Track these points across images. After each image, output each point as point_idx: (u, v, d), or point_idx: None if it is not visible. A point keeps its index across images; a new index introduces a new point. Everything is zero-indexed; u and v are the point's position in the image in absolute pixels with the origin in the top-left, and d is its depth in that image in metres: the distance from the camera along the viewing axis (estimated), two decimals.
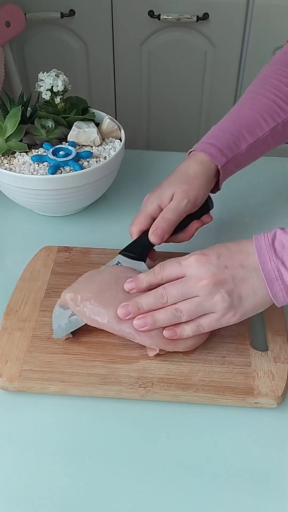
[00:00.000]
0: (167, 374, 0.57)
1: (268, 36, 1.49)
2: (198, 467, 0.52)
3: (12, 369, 0.57)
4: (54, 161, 0.76)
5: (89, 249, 0.73)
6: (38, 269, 0.70)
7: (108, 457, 0.53)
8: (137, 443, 0.54)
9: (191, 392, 0.56)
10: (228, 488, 0.50)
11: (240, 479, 0.51)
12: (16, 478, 0.51)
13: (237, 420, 0.56)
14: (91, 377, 0.57)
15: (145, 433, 0.55)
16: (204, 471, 0.51)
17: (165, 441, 0.54)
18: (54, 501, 0.49)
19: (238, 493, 0.50)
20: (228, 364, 0.58)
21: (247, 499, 0.50)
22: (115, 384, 0.56)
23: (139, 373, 0.57)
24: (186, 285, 0.56)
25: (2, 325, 0.62)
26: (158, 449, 0.53)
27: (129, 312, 0.58)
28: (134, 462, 0.52)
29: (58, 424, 0.55)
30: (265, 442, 0.54)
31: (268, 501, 0.50)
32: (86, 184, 0.76)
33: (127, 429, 0.55)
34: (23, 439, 0.54)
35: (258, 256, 0.55)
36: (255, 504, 0.49)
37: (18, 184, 0.75)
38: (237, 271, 0.55)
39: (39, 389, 0.57)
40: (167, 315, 0.56)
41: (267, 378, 0.57)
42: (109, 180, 0.81)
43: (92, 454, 0.53)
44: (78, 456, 0.53)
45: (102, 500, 0.49)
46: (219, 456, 0.53)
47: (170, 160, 0.97)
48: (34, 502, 0.49)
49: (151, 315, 0.57)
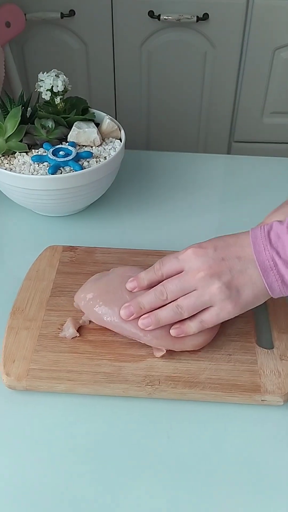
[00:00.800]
0: (174, 372, 0.57)
1: (268, 36, 1.49)
2: (204, 465, 0.52)
3: (19, 368, 0.57)
4: (54, 161, 0.76)
5: (94, 248, 0.73)
6: (43, 268, 0.70)
7: (116, 455, 0.53)
8: (143, 440, 0.54)
9: (198, 390, 0.56)
10: (234, 486, 0.50)
11: (247, 476, 0.51)
12: (24, 476, 0.51)
13: (244, 417, 0.56)
14: (98, 376, 0.57)
15: (151, 430, 0.55)
16: (209, 469, 0.52)
17: (171, 438, 0.54)
18: (59, 498, 0.49)
19: (244, 491, 0.50)
20: (234, 362, 0.58)
21: (254, 497, 0.50)
22: (122, 382, 0.56)
23: (146, 371, 0.57)
24: (184, 279, 0.56)
25: (9, 325, 0.62)
26: (164, 446, 0.53)
27: (131, 312, 0.58)
28: (140, 459, 0.52)
29: (66, 423, 0.55)
30: (272, 440, 0.54)
31: (274, 500, 0.50)
32: (86, 184, 0.76)
33: (134, 426, 0.55)
34: (31, 438, 0.54)
35: (253, 246, 0.55)
36: (263, 503, 0.49)
37: (18, 184, 0.75)
38: (234, 263, 0.55)
39: (46, 388, 0.57)
40: (168, 312, 0.57)
41: (273, 376, 0.57)
42: (109, 180, 0.82)
43: (99, 452, 0.53)
44: (85, 454, 0.53)
45: (107, 498, 0.49)
46: (225, 453, 0.53)
47: (170, 160, 0.98)
48: (39, 499, 0.49)
49: (153, 314, 0.57)
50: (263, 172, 0.75)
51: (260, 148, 1.65)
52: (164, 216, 0.84)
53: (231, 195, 0.73)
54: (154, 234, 0.80)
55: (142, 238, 0.79)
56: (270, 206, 0.88)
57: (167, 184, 0.91)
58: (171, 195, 0.72)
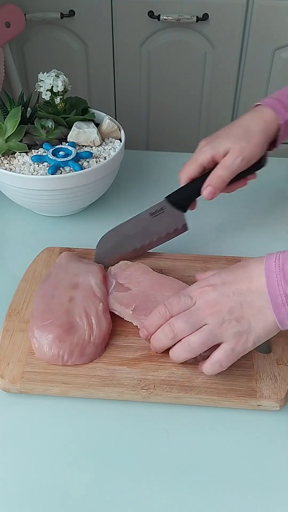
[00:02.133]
0: (169, 376, 0.57)
1: (268, 36, 1.49)
2: (199, 469, 0.52)
3: (14, 371, 0.57)
4: (54, 162, 0.76)
5: (91, 250, 0.73)
6: (40, 270, 0.69)
7: (110, 458, 0.53)
8: (138, 444, 0.54)
9: (194, 394, 0.56)
10: (229, 491, 0.50)
11: (242, 481, 0.51)
12: (17, 479, 0.51)
13: (239, 422, 0.56)
14: (93, 379, 0.57)
15: (146, 435, 0.55)
16: (205, 474, 0.51)
17: (166, 442, 0.54)
18: (56, 502, 0.49)
19: (239, 495, 0.50)
20: (230, 366, 0.57)
21: (249, 501, 0.50)
22: (117, 386, 0.56)
23: (141, 375, 0.57)
24: (193, 314, 0.54)
25: (4, 327, 0.62)
26: (159, 451, 0.53)
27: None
28: (135, 463, 0.52)
29: (60, 426, 0.55)
30: (268, 445, 0.54)
31: (269, 504, 0.49)
32: (86, 184, 0.76)
33: (128, 430, 0.55)
34: (25, 441, 0.54)
35: (266, 278, 0.52)
36: (257, 507, 0.49)
37: (18, 185, 0.75)
38: (244, 297, 0.53)
39: (41, 391, 0.57)
40: (180, 350, 0.55)
41: (269, 381, 0.57)
42: (109, 180, 0.81)
43: (94, 455, 0.53)
44: (79, 457, 0.53)
45: (103, 501, 0.49)
46: (220, 458, 0.53)
47: (169, 161, 0.98)
48: (35, 503, 0.49)
49: (172, 351, 0.56)
50: (263, 173, 0.75)
51: None
52: None
53: (231, 196, 0.73)
54: None
55: None
56: (270, 207, 0.89)
57: (167, 184, 0.90)
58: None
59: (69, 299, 0.62)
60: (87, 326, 0.60)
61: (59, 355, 0.58)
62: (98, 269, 0.67)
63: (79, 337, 0.59)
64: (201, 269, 0.69)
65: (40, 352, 0.58)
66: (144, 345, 0.60)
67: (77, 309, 0.61)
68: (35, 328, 0.59)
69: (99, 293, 0.63)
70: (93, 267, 0.67)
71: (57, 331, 0.59)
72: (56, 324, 0.59)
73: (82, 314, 0.61)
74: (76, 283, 0.64)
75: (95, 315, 0.61)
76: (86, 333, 0.59)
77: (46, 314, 0.60)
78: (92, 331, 0.59)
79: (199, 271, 0.68)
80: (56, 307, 0.61)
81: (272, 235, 0.80)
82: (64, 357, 0.58)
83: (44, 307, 0.61)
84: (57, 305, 0.61)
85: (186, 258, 0.71)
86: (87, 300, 0.62)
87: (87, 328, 0.59)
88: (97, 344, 0.59)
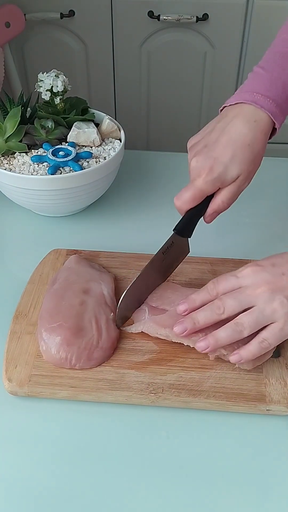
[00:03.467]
0: (178, 380, 0.57)
1: (268, 36, 1.47)
2: (207, 474, 0.52)
3: (21, 374, 0.57)
4: (53, 162, 0.75)
5: (98, 252, 0.73)
6: (47, 272, 0.69)
7: (118, 463, 0.52)
8: (144, 448, 0.54)
9: (202, 398, 0.55)
10: (237, 496, 0.50)
11: (250, 487, 0.51)
12: (25, 482, 0.51)
13: (248, 427, 0.55)
14: (100, 383, 0.56)
15: (154, 438, 0.54)
16: (213, 478, 0.51)
17: (174, 446, 0.54)
18: (62, 504, 0.49)
19: (248, 501, 0.50)
20: (239, 371, 0.57)
21: (259, 507, 0.49)
22: (125, 389, 0.56)
23: (149, 379, 0.57)
24: (243, 294, 0.54)
25: (11, 329, 0.62)
26: (167, 455, 0.53)
27: (185, 328, 0.56)
28: (141, 468, 0.52)
29: (67, 430, 0.55)
30: (277, 450, 0.53)
31: (279, 510, 0.49)
32: (86, 184, 0.75)
33: (135, 434, 0.55)
34: (32, 444, 0.54)
35: None
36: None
37: (18, 185, 0.74)
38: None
39: (48, 394, 0.56)
40: (227, 332, 0.54)
41: (279, 385, 0.56)
42: (109, 180, 0.81)
43: (100, 458, 0.53)
44: (86, 461, 0.53)
45: (109, 503, 0.49)
46: (229, 462, 0.52)
47: (169, 161, 0.98)
48: (41, 505, 0.49)
49: (211, 335, 0.55)
50: (263, 173, 0.74)
51: None
52: (164, 216, 0.83)
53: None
54: (153, 234, 0.79)
55: (141, 239, 0.79)
56: (270, 207, 0.89)
57: (167, 184, 0.91)
58: (171, 195, 0.72)
59: (80, 303, 0.62)
60: (96, 331, 0.59)
61: (66, 359, 0.58)
62: (110, 278, 0.67)
63: (87, 341, 0.58)
64: (209, 272, 0.69)
65: (47, 355, 0.58)
66: (152, 348, 0.60)
67: (87, 313, 0.61)
68: (43, 330, 0.59)
69: (110, 303, 0.63)
70: (105, 276, 0.67)
71: (65, 333, 0.58)
72: (64, 326, 0.59)
73: (92, 319, 0.60)
74: (88, 288, 0.64)
75: (105, 322, 0.61)
76: (94, 338, 0.59)
77: (55, 315, 0.60)
78: (100, 336, 0.59)
79: (207, 274, 0.68)
80: (66, 309, 0.61)
81: (273, 235, 0.80)
82: (72, 361, 0.58)
83: (53, 309, 0.61)
84: (67, 307, 0.61)
85: (194, 261, 0.70)
86: (98, 307, 0.62)
87: (96, 332, 0.59)
88: (105, 348, 0.59)
